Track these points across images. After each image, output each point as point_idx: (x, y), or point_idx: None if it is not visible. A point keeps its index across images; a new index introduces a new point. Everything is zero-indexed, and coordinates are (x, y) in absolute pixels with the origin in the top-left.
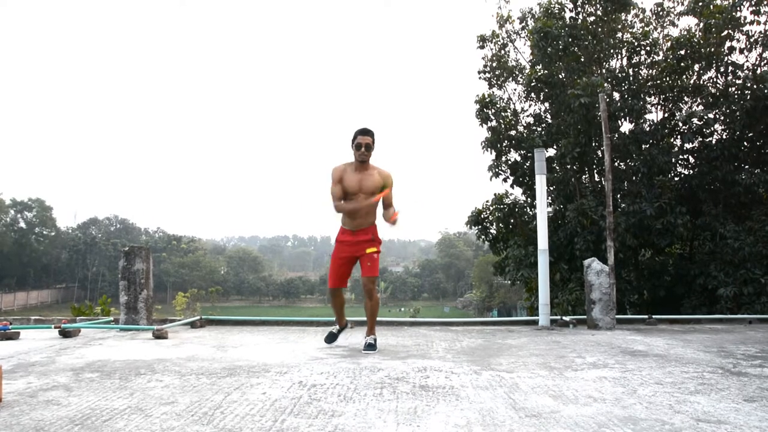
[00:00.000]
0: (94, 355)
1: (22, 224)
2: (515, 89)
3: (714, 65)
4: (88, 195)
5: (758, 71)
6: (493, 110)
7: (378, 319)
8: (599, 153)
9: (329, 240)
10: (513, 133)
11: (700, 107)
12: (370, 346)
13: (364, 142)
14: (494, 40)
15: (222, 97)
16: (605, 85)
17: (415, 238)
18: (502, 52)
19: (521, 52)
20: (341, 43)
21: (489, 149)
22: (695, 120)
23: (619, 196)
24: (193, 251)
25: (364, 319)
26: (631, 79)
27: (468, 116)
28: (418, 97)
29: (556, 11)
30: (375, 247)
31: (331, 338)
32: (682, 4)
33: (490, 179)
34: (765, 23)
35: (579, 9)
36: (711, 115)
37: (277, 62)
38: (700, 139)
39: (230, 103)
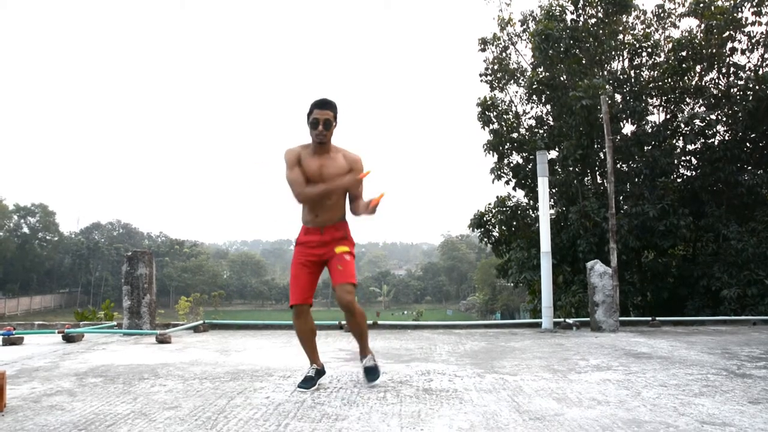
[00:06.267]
0: (98, 360)
1: (26, 229)
2: (517, 92)
3: (716, 66)
4: (90, 200)
5: (760, 72)
6: (494, 113)
7: (381, 322)
8: (601, 155)
9: None
10: (515, 135)
11: (702, 108)
12: (373, 372)
13: (322, 118)
14: (495, 43)
15: (223, 101)
16: (607, 87)
17: (418, 241)
18: (504, 54)
19: (523, 55)
20: (342, 47)
21: (491, 152)
22: (697, 121)
23: (621, 198)
24: (196, 255)
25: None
26: (632, 80)
27: (470, 119)
28: (420, 100)
29: (557, 14)
30: (347, 246)
31: (308, 383)
32: (683, 5)
33: (493, 182)
34: (766, 24)
35: (580, 11)
36: (713, 117)
37: (278, 66)
38: (703, 141)
39: (232, 107)
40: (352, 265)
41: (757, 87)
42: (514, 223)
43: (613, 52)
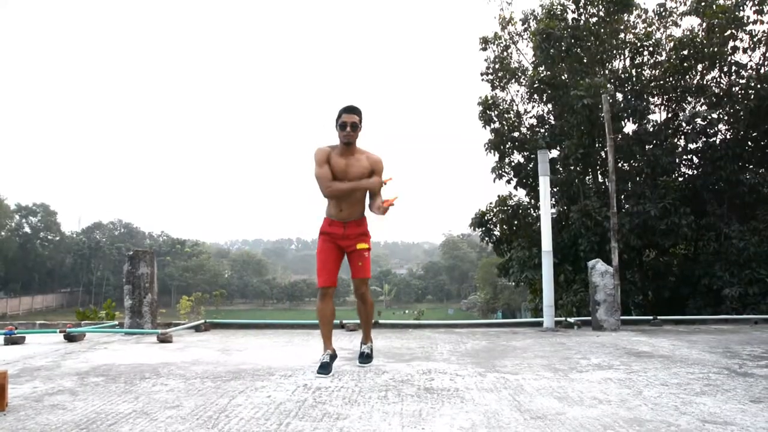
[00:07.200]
0: (99, 360)
1: (27, 229)
2: (518, 91)
3: (717, 65)
4: (92, 200)
5: (762, 71)
6: (496, 112)
7: (383, 321)
8: (603, 154)
9: None
10: (516, 134)
11: (704, 107)
12: (367, 358)
13: (349, 121)
14: (497, 42)
15: (226, 101)
16: (608, 85)
17: (419, 240)
18: (505, 53)
19: (524, 54)
20: (343, 46)
21: (492, 151)
22: (699, 120)
23: (622, 197)
24: (197, 255)
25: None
26: (634, 79)
27: (471, 118)
28: (421, 99)
29: (559, 12)
30: (367, 243)
31: (326, 369)
32: (685, 4)
33: (494, 181)
34: None
35: (581, 10)
36: (715, 115)
37: (279, 66)
38: (704, 140)
39: (234, 106)
40: (369, 262)
41: (758, 86)
42: (516, 222)
43: (615, 51)
